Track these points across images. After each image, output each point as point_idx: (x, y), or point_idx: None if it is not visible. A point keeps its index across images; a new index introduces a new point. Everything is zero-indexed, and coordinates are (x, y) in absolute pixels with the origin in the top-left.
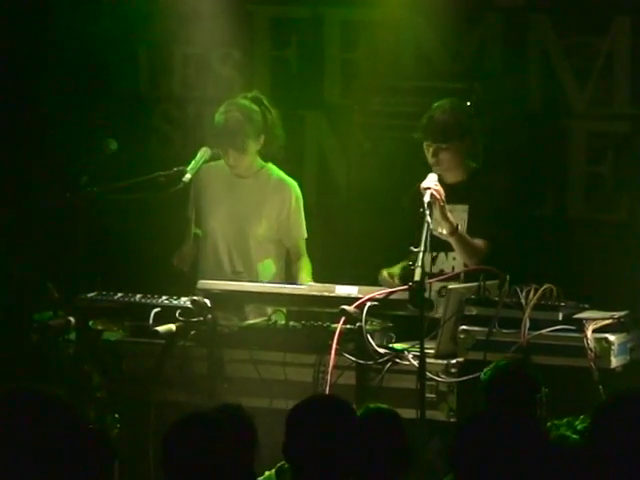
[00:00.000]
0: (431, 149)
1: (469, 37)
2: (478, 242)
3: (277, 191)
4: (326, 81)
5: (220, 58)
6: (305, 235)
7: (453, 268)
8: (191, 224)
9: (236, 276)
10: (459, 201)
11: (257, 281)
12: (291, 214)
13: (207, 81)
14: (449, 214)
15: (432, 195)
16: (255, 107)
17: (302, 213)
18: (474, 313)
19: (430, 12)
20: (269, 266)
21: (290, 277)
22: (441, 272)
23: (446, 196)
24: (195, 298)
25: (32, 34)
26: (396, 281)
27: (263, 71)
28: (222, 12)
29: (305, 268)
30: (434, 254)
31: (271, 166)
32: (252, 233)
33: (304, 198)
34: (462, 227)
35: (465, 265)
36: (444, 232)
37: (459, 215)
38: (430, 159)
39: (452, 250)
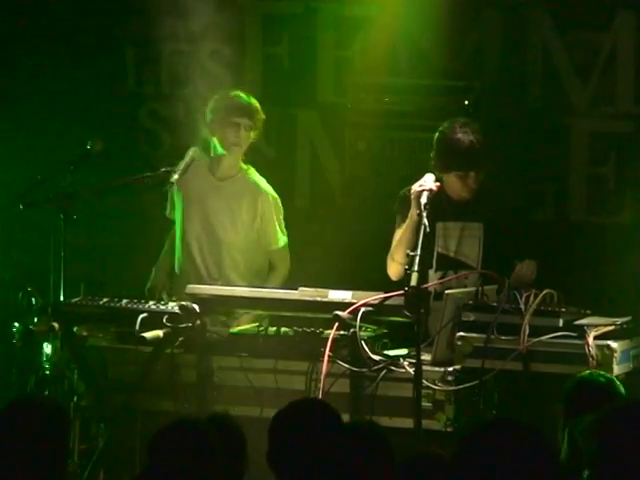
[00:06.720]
0: (459, 177)
1: (467, 33)
2: None
3: (250, 197)
4: (319, 79)
5: (210, 54)
6: (280, 244)
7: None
8: (173, 225)
9: (213, 283)
10: (471, 219)
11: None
12: (264, 222)
13: (197, 78)
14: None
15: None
16: (256, 102)
17: (277, 221)
18: (472, 319)
19: (427, 8)
20: (247, 277)
21: None
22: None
23: (454, 213)
24: (183, 303)
25: (19, 29)
26: None
27: (254, 68)
28: (212, 7)
29: (272, 280)
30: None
31: (251, 170)
32: (226, 241)
33: (296, 198)
34: (478, 245)
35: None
36: None
37: (473, 233)
38: (456, 186)
39: (462, 268)
